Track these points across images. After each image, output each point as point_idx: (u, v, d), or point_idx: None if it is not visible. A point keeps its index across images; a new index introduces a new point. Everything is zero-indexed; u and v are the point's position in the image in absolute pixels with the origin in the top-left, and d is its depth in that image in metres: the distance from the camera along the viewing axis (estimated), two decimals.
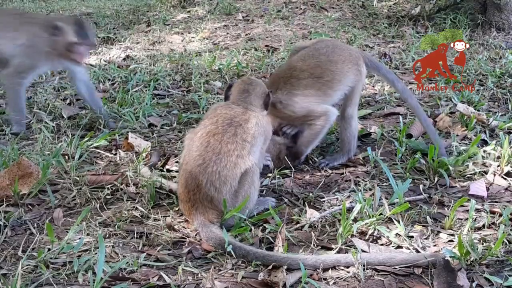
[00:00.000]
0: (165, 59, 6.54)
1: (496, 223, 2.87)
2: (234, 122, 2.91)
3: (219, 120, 2.93)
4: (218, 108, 3.09)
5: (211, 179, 2.76)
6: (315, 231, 2.84)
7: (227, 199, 2.78)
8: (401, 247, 2.71)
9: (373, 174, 3.52)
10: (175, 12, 9.54)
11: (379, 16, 8.34)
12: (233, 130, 2.87)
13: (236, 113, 2.98)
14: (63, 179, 3.35)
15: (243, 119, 2.94)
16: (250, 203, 2.89)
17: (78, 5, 12.25)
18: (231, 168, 2.79)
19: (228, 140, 2.83)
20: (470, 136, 4.05)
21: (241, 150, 2.83)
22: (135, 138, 3.90)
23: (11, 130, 4.10)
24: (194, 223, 2.80)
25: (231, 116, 2.94)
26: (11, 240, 2.71)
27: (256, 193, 2.95)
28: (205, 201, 2.78)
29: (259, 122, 2.99)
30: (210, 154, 2.80)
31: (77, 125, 4.37)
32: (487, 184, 3.34)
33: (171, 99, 5.16)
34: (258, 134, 2.96)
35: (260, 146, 3.01)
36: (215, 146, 2.82)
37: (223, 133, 2.86)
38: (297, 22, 8.45)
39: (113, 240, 2.72)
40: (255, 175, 2.91)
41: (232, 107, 3.04)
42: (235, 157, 2.80)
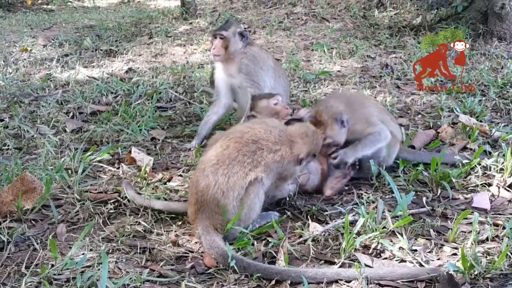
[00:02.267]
0: (167, 71, 6.57)
1: (500, 236, 2.86)
2: (259, 144, 2.92)
3: (249, 133, 2.96)
4: (259, 123, 3.11)
5: (220, 181, 2.79)
6: (318, 245, 2.84)
7: (233, 206, 2.80)
8: (405, 261, 2.70)
9: (376, 186, 3.51)
10: (177, 24, 9.59)
11: (381, 27, 8.37)
12: (254, 147, 2.89)
13: (269, 138, 2.97)
14: (66, 194, 3.37)
15: (270, 147, 2.94)
16: (253, 213, 2.91)
17: (80, 17, 12.32)
18: (241, 177, 2.82)
19: (246, 153, 2.86)
20: (473, 147, 4.04)
21: (254, 167, 2.86)
22: (138, 152, 3.91)
23: None
24: (198, 228, 2.80)
25: (261, 138, 2.95)
26: (14, 256, 2.72)
27: (259, 205, 2.95)
28: (212, 204, 2.80)
29: (282, 161, 2.97)
30: (225, 158, 2.84)
31: (80, 139, 4.39)
32: (490, 196, 3.33)
33: (173, 112, 5.19)
34: (274, 167, 2.96)
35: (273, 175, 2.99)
36: (232, 152, 2.86)
37: (245, 145, 2.89)
38: (299, 33, 8.48)
39: (116, 255, 2.72)
40: (262, 188, 2.92)
41: (272, 131, 3.01)
42: (247, 169, 2.84)
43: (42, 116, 4.94)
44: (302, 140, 3.05)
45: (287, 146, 3.00)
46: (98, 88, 5.79)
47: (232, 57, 4.23)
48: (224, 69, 4.33)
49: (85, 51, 8.17)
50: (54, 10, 15.03)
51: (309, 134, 3.10)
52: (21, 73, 6.69)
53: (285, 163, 2.99)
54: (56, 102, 5.43)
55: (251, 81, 4.20)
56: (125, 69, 6.94)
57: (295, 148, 3.02)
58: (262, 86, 4.23)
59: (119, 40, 8.91)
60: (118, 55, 7.75)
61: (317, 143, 3.14)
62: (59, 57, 7.58)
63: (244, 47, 4.26)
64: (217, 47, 4.19)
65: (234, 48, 4.21)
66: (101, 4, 16.58)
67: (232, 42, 4.20)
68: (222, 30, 4.21)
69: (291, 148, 3.01)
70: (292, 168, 3.06)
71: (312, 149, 3.10)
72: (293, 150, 3.01)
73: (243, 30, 4.25)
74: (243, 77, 4.22)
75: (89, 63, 7.35)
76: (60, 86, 6.04)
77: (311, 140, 3.09)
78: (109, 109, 5.15)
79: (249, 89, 4.20)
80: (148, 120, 4.71)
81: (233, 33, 4.20)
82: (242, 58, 4.23)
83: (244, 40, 4.25)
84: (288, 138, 3.04)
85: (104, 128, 4.57)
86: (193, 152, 4.08)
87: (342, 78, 6.14)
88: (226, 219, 2.79)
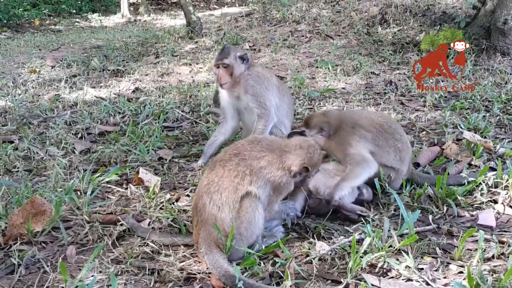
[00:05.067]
0: (174, 91, 6.65)
1: (506, 254, 2.87)
2: (241, 155, 2.97)
3: (232, 149, 3.05)
4: (246, 139, 3.19)
5: (214, 198, 2.86)
6: (325, 264, 2.86)
7: (231, 219, 2.82)
8: (411, 280, 2.71)
9: (382, 203, 3.53)
10: (183, 43, 9.71)
11: (384, 43, 8.43)
12: (237, 160, 2.95)
13: (254, 148, 3.01)
14: (76, 216, 3.41)
15: (254, 155, 2.98)
16: (255, 228, 2.91)
17: (88, 37, 12.48)
18: (232, 191, 2.86)
19: (230, 167, 2.92)
20: (478, 163, 4.05)
21: (241, 180, 2.90)
22: (146, 173, 3.96)
23: None
24: (202, 248, 2.83)
25: (243, 149, 3.00)
26: (25, 279, 2.75)
27: (261, 219, 2.95)
28: (210, 220, 2.83)
29: (270, 166, 2.98)
30: (213, 176, 2.92)
31: (89, 160, 4.45)
32: (496, 213, 3.34)
33: (180, 131, 5.24)
34: (263, 175, 2.95)
35: (265, 183, 2.99)
36: (218, 170, 2.94)
37: (228, 160, 2.96)
38: (303, 50, 8.56)
39: (125, 277, 2.76)
40: (258, 201, 2.92)
41: (259, 143, 3.06)
42: (236, 183, 2.88)
43: (51, 137, 5.01)
44: (294, 151, 3.05)
45: (276, 154, 3.00)
46: (106, 108, 5.87)
47: (238, 80, 4.29)
48: (229, 93, 4.39)
49: (92, 71, 8.29)
50: (62, 31, 15.26)
51: (304, 147, 3.08)
52: (30, 94, 6.80)
53: (273, 170, 2.97)
54: (65, 123, 5.51)
55: (257, 102, 4.26)
56: (132, 88, 7.04)
57: (287, 158, 3.01)
58: (269, 106, 4.29)
59: (126, 60, 9.03)
60: (125, 75, 7.86)
61: (312, 157, 3.08)
62: (67, 78, 7.70)
63: (247, 69, 4.33)
64: (222, 76, 4.25)
65: (238, 72, 4.28)
66: (108, 23, 16.81)
67: (236, 67, 4.27)
68: (223, 59, 4.27)
69: (281, 157, 3.01)
70: (286, 179, 3.02)
71: (306, 162, 3.04)
72: (283, 159, 3.00)
73: (243, 54, 4.32)
74: (250, 98, 4.28)
75: (96, 83, 7.45)
76: (69, 107, 6.13)
77: (304, 152, 3.05)
78: (117, 129, 5.22)
79: (255, 110, 4.26)
80: (155, 140, 4.77)
81: (234, 58, 4.27)
82: (247, 79, 4.29)
83: (245, 62, 4.32)
84: (281, 148, 3.06)
85: (112, 148, 4.63)
86: (200, 171, 4.13)
87: (346, 95, 6.19)
88: (225, 233, 2.82)
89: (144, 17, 18.15)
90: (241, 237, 2.87)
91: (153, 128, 5.12)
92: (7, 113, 5.99)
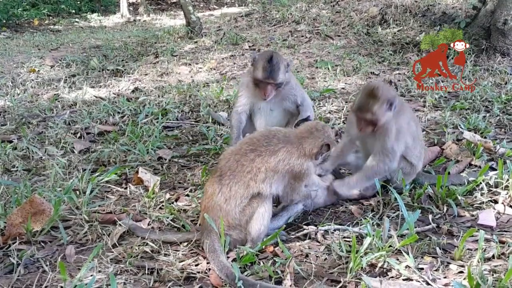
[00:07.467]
0: (173, 91, 6.64)
1: (506, 253, 2.86)
2: (257, 151, 2.98)
3: (248, 143, 3.05)
4: (260, 132, 3.20)
5: (224, 190, 2.91)
6: (325, 264, 2.85)
7: (235, 212, 2.90)
8: (411, 280, 2.70)
9: (384, 203, 3.53)
10: (183, 43, 9.70)
11: (384, 43, 8.43)
12: (252, 156, 2.97)
13: (270, 142, 3.03)
14: (75, 215, 3.40)
15: (271, 150, 3.00)
16: (261, 227, 2.95)
17: (87, 37, 12.47)
18: (242, 186, 2.91)
19: (245, 163, 2.95)
20: (479, 163, 4.05)
21: (255, 176, 2.93)
22: (145, 172, 3.95)
23: None
24: (204, 232, 2.91)
25: (260, 145, 3.01)
26: (24, 279, 2.74)
27: (267, 217, 2.98)
28: (215, 209, 2.91)
29: (290, 157, 3.01)
30: (226, 169, 2.96)
31: (88, 160, 4.44)
32: (496, 213, 3.34)
33: (179, 131, 5.24)
34: (281, 167, 2.99)
35: (281, 182, 3.03)
36: (232, 164, 2.97)
37: (243, 155, 2.98)
38: (303, 50, 8.56)
39: (125, 276, 2.75)
40: (268, 200, 2.97)
41: (270, 139, 3.06)
42: (248, 179, 2.92)
43: (50, 137, 5.00)
44: (311, 135, 3.11)
45: (294, 144, 3.05)
46: (105, 108, 5.86)
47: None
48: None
49: (92, 71, 8.28)
50: (61, 30, 15.25)
51: (319, 128, 3.16)
52: (29, 94, 6.79)
53: (293, 160, 3.01)
54: (64, 122, 5.50)
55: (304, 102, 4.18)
56: (131, 88, 7.03)
57: (306, 143, 3.07)
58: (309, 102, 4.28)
59: (126, 60, 9.02)
60: (125, 75, 7.85)
61: (328, 135, 3.17)
62: (66, 78, 7.69)
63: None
64: (271, 93, 4.00)
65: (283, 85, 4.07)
66: (107, 23, 16.80)
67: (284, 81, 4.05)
68: (277, 79, 3.96)
69: (302, 145, 3.06)
70: (306, 165, 3.07)
71: (326, 140, 3.12)
72: (303, 146, 3.06)
73: (288, 62, 4.09)
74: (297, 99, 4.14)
75: (96, 83, 7.44)
76: (68, 107, 6.12)
77: (321, 133, 3.14)
78: (116, 129, 5.21)
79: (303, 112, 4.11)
80: (154, 140, 4.76)
81: (283, 72, 4.00)
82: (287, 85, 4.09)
83: (288, 69, 4.09)
84: (297, 137, 3.10)
85: (111, 148, 4.63)
86: (199, 171, 4.12)
87: (346, 95, 6.19)
88: (227, 224, 2.89)
89: (144, 17, 18.17)
90: (249, 235, 2.95)
91: (153, 128, 5.11)
92: (6, 113, 5.97)
